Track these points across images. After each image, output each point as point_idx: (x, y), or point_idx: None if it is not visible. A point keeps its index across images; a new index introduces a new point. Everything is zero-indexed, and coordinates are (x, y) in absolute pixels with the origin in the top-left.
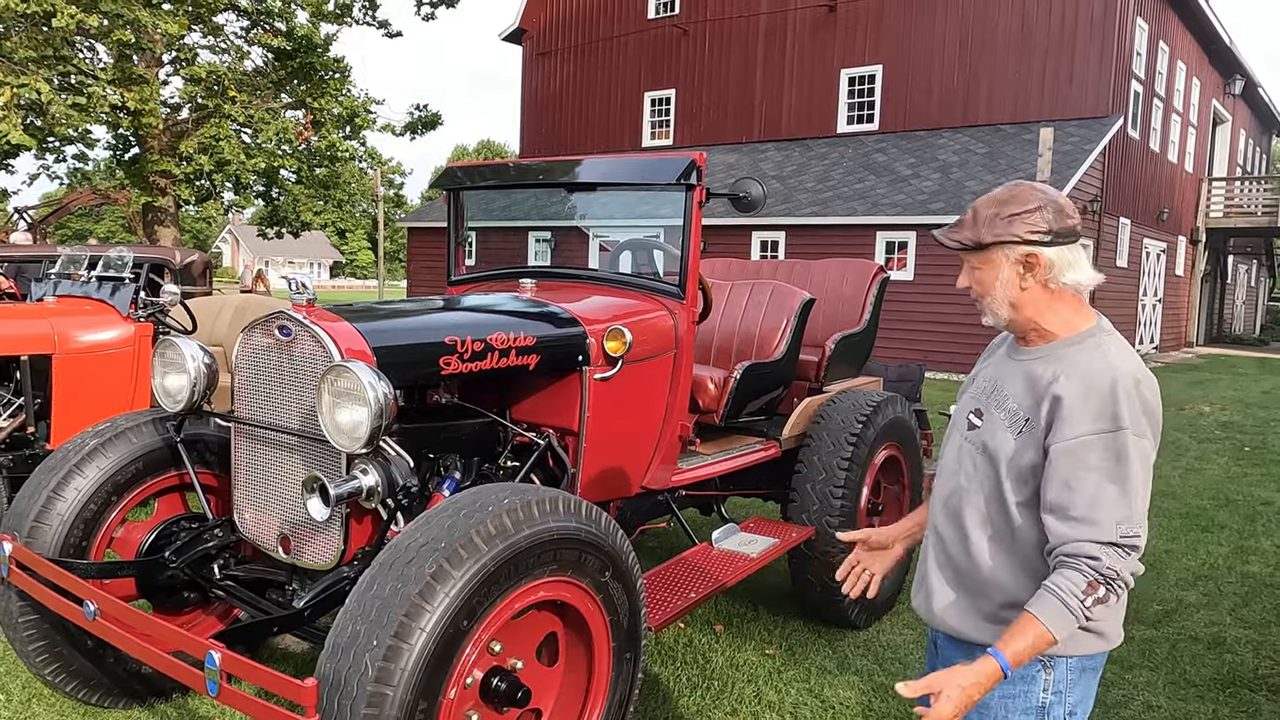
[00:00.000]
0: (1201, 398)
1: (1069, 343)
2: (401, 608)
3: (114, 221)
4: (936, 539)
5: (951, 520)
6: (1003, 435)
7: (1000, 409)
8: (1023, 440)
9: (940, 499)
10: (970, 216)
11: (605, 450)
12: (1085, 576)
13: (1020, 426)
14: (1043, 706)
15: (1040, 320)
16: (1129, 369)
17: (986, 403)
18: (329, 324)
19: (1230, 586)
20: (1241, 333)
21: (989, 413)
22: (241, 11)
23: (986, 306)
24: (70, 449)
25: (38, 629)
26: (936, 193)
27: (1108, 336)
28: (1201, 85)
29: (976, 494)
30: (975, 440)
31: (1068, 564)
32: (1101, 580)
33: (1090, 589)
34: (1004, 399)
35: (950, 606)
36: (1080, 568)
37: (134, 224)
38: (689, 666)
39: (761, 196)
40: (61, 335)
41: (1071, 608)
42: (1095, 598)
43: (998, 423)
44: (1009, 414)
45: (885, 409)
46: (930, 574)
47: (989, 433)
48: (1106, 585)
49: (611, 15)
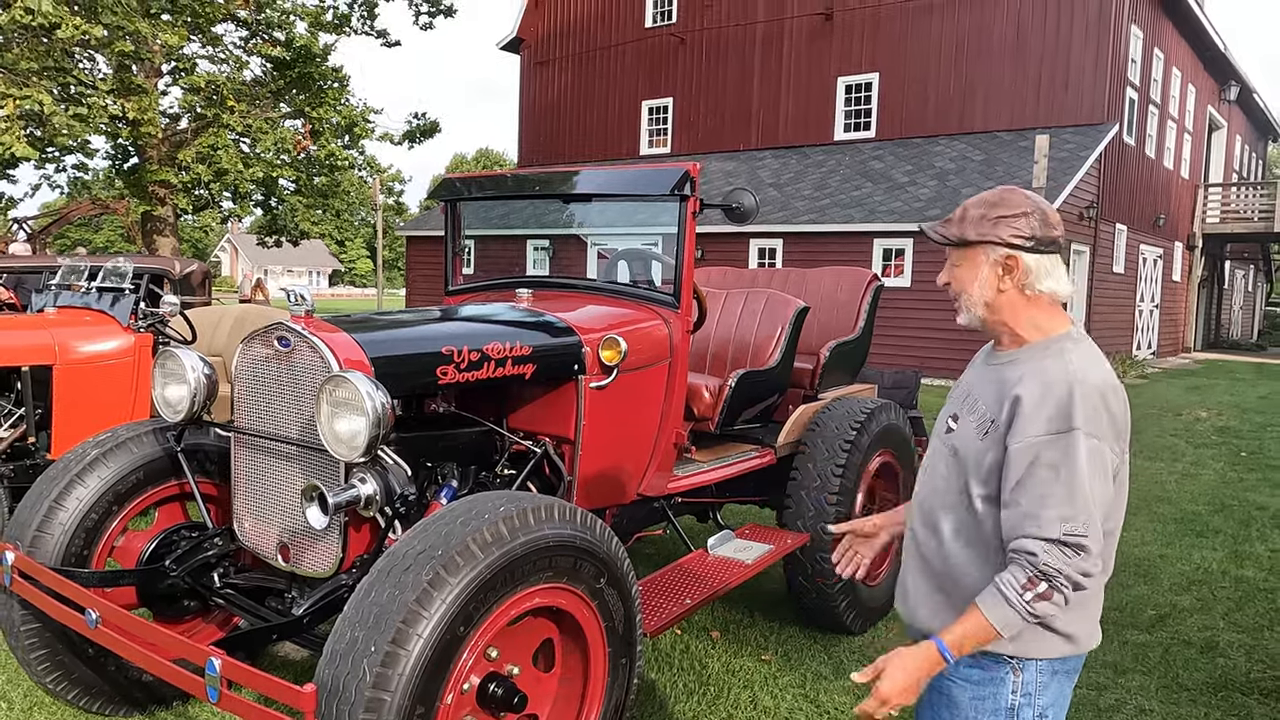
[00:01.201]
0: (1198, 403)
1: (1038, 348)
2: (399, 614)
3: (113, 231)
4: (912, 540)
5: (925, 521)
6: (970, 436)
7: (971, 413)
8: (987, 441)
9: (916, 501)
10: (960, 214)
11: (601, 458)
12: (1025, 572)
13: (986, 428)
14: (1012, 708)
15: (1013, 324)
16: (1091, 376)
17: (961, 407)
18: (327, 335)
19: (1224, 591)
20: (1239, 338)
21: (963, 417)
22: (240, 22)
23: (963, 304)
24: (71, 459)
25: (40, 637)
26: (933, 200)
27: (1075, 344)
28: (1197, 92)
29: (946, 494)
30: (949, 443)
31: (1012, 559)
32: (1040, 576)
33: (1030, 584)
34: (975, 403)
35: (924, 606)
36: (1021, 563)
37: (133, 234)
38: (685, 672)
39: (754, 207)
40: (62, 346)
41: (1011, 601)
42: (1035, 593)
43: (968, 426)
44: (978, 417)
45: (880, 416)
46: (907, 575)
47: (960, 436)
48: (1047, 582)
49: (609, 24)
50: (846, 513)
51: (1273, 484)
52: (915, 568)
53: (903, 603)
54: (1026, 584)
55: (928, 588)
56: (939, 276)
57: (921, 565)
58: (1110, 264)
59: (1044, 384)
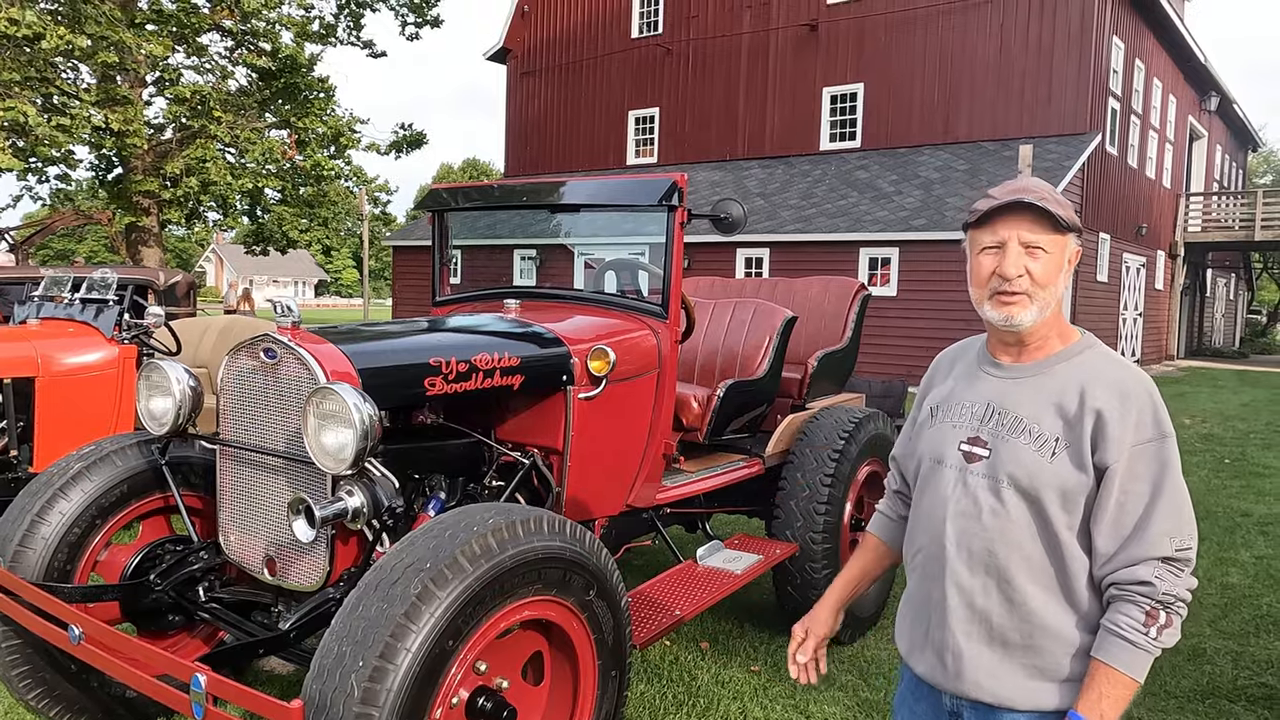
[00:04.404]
0: (1182, 410)
1: (1070, 353)
2: (387, 629)
3: (97, 241)
4: (957, 594)
5: (980, 568)
6: (1032, 459)
7: (1013, 433)
8: (1060, 463)
9: (954, 543)
10: (1046, 193)
11: (590, 469)
12: (1141, 607)
13: (1053, 448)
14: None
15: (1058, 325)
16: (1142, 373)
17: (986, 430)
18: (314, 346)
19: (1210, 598)
20: (1221, 345)
21: (999, 439)
22: (226, 32)
23: (1036, 300)
24: (54, 472)
25: (21, 653)
26: (919, 209)
27: (1100, 346)
28: (1178, 102)
29: (1012, 529)
30: (989, 472)
31: (1122, 596)
32: (1159, 606)
33: (1150, 618)
34: (1015, 422)
35: (986, 669)
36: (1134, 599)
37: (117, 244)
38: (675, 684)
39: (742, 217)
40: (45, 358)
41: (1139, 644)
42: (1158, 626)
43: (1018, 448)
44: (1030, 436)
45: (867, 425)
46: (951, 635)
47: (1010, 460)
48: (1165, 610)
49: (595, 35)
50: (835, 522)
51: (1256, 491)
52: (967, 625)
53: (938, 666)
54: (1147, 619)
55: (993, 647)
56: (1006, 266)
57: (978, 620)
58: (1094, 272)
59: (1119, 392)
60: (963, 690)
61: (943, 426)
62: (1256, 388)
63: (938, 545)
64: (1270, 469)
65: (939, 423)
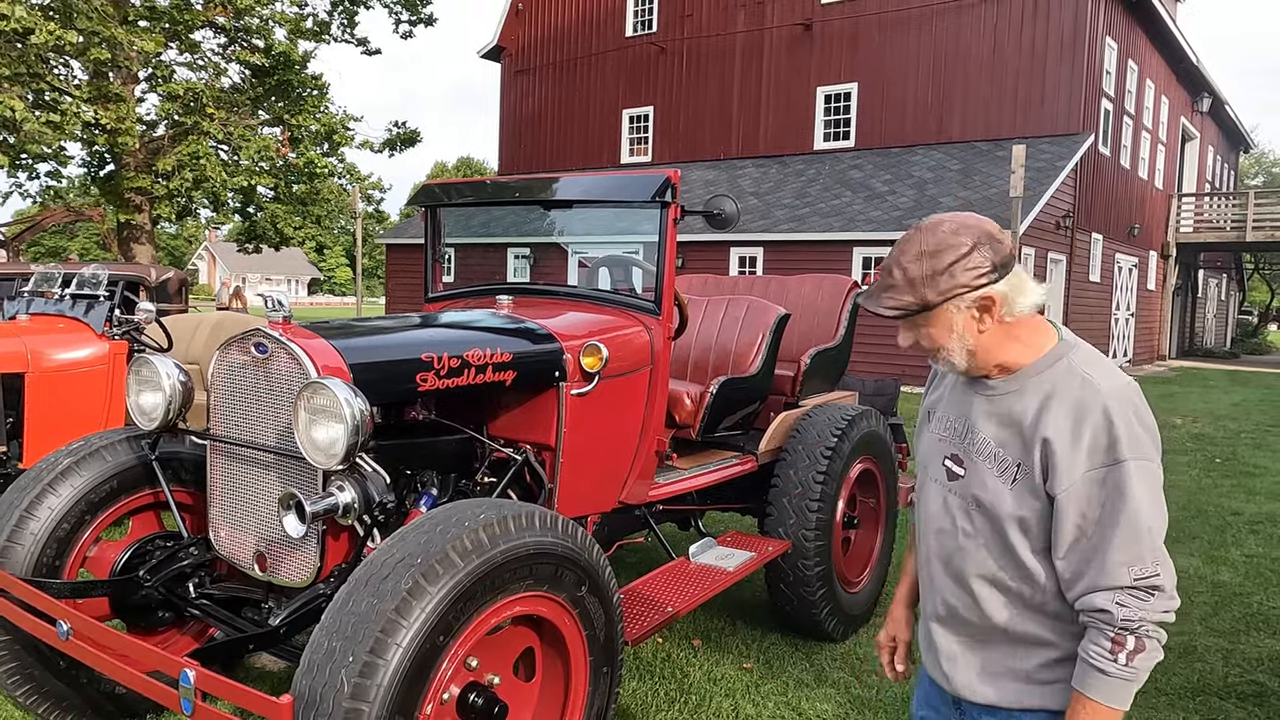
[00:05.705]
0: (1173, 410)
1: (1038, 367)
2: (377, 624)
3: (89, 238)
4: (942, 603)
5: (958, 583)
6: (995, 485)
7: (981, 456)
8: (1019, 489)
9: (938, 558)
10: (900, 277)
11: (582, 465)
12: (1106, 636)
13: (1013, 474)
14: None
15: (1004, 357)
16: (1112, 384)
17: (963, 448)
18: (305, 341)
19: (1201, 596)
20: (1212, 345)
21: (970, 461)
22: (219, 29)
23: (942, 358)
24: (43, 468)
25: (9, 650)
26: (912, 209)
27: (1075, 351)
28: (1170, 103)
29: (981, 553)
30: (962, 493)
31: (1090, 623)
32: (1124, 632)
33: (1116, 646)
34: (984, 444)
35: (977, 675)
36: (1096, 625)
37: (109, 241)
38: (667, 681)
39: (735, 214)
40: (35, 354)
41: (1109, 671)
42: (1127, 652)
43: (984, 472)
44: (995, 461)
45: (860, 423)
46: (940, 639)
47: (978, 484)
48: (1133, 635)
49: (590, 33)
50: (828, 520)
51: (1247, 490)
52: (951, 631)
53: (936, 666)
54: (1113, 647)
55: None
56: (900, 338)
57: (960, 627)
58: (1087, 273)
59: (1073, 413)
60: (957, 693)
61: (933, 435)
62: (1247, 387)
63: (926, 557)
64: (1261, 468)
65: (931, 430)
